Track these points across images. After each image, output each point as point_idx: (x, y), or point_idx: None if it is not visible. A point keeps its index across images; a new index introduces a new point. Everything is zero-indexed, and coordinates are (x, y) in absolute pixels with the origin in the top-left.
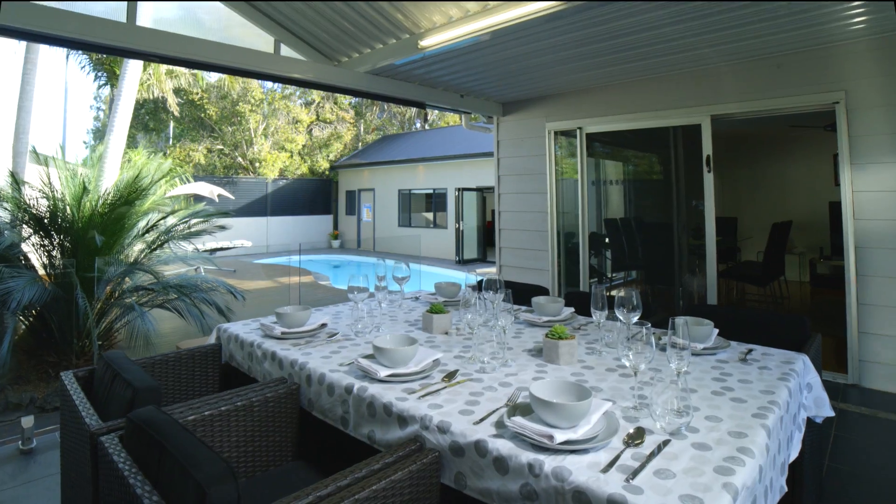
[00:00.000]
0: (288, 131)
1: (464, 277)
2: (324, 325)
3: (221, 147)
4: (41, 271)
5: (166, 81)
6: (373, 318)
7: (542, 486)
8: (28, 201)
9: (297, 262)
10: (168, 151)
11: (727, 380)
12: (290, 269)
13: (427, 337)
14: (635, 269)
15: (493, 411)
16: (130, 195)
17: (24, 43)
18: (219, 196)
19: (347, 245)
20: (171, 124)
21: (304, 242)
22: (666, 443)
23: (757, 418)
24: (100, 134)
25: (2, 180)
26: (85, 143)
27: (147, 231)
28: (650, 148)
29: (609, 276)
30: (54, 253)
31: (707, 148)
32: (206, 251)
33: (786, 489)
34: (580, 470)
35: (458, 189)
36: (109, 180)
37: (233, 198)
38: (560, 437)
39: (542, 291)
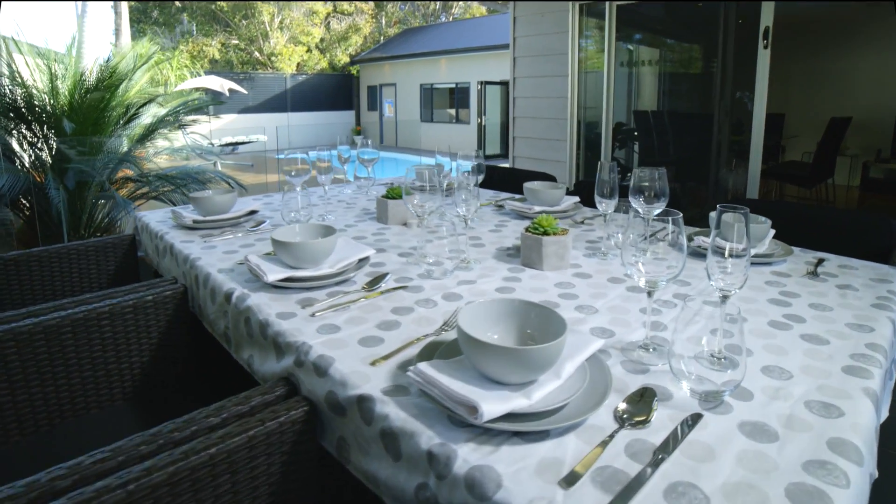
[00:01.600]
0: (303, 24)
1: (453, 164)
2: (252, 213)
3: (237, 42)
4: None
5: None
6: (328, 204)
7: (447, 497)
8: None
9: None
10: (180, 47)
11: (793, 303)
12: (308, 163)
13: (377, 229)
14: (665, 164)
15: (411, 343)
16: (103, 82)
17: None
18: (230, 91)
19: (370, 140)
20: (185, 18)
21: (327, 138)
22: (695, 420)
23: (853, 375)
24: (117, 32)
25: None
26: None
27: (129, 120)
28: (691, 28)
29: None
30: (39, 145)
31: (766, 18)
32: (222, 145)
33: (875, 475)
34: (521, 478)
35: (481, 83)
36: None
37: (245, 92)
38: (494, 407)
39: (550, 179)
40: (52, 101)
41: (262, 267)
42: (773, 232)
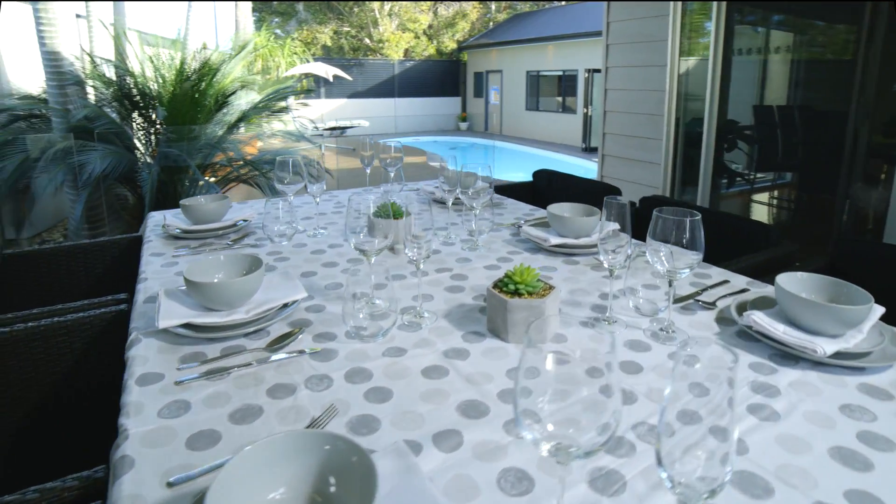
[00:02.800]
0: (411, 11)
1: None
2: (242, 222)
3: (348, 29)
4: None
5: None
6: (337, 213)
7: None
8: (114, 80)
9: (397, 143)
10: (295, 35)
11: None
12: (409, 150)
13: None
14: (789, 170)
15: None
16: (197, 72)
17: None
18: (335, 77)
19: (475, 128)
20: (302, 7)
21: (432, 124)
22: None
23: None
24: (237, 23)
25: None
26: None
27: (220, 107)
28: (831, 8)
29: (750, 176)
30: (151, 130)
31: None
32: (326, 129)
33: None
34: None
35: (589, 70)
36: (197, 60)
37: (350, 79)
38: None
39: (613, 191)
40: (159, 90)
41: (163, 307)
42: (879, 311)
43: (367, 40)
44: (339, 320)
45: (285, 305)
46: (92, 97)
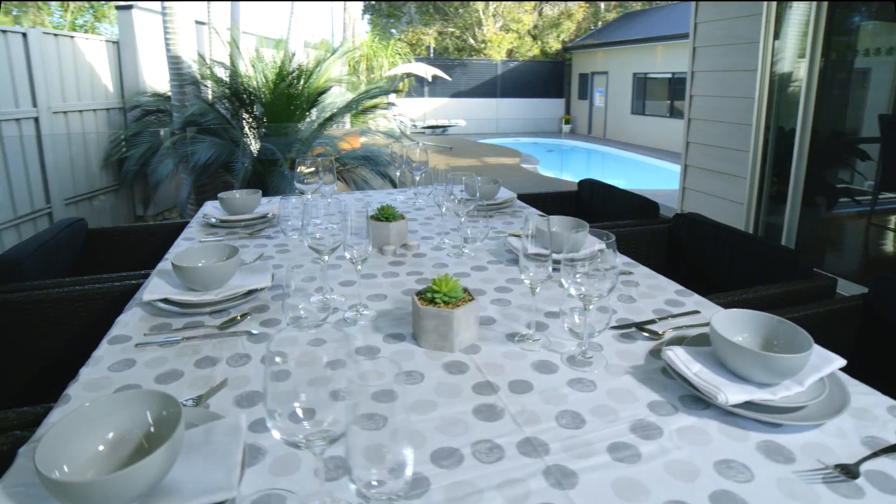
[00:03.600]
0: (514, 11)
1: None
2: (270, 216)
3: (452, 29)
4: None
5: None
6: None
7: None
8: (224, 80)
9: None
10: (401, 35)
11: None
12: (504, 150)
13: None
14: None
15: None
16: (292, 73)
17: None
18: (434, 77)
19: (578, 131)
20: (412, 8)
21: (534, 126)
22: None
23: None
24: (345, 26)
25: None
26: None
27: (311, 105)
28: None
29: (872, 195)
30: (255, 125)
31: None
32: (425, 127)
33: None
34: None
35: None
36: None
37: (449, 79)
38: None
39: (651, 207)
40: (262, 88)
41: (151, 283)
42: (834, 364)
43: (470, 41)
44: (307, 310)
45: (250, 292)
46: (210, 94)
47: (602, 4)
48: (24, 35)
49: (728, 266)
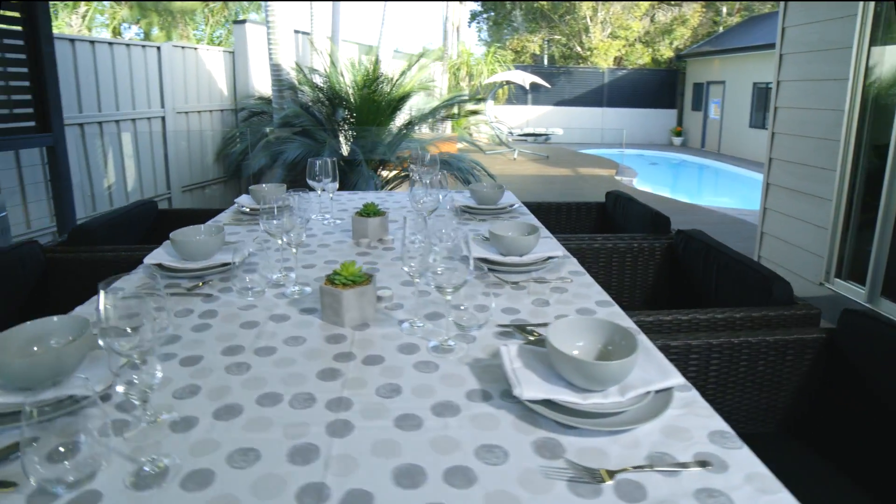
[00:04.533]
0: (623, 17)
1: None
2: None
3: (559, 37)
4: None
5: None
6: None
7: None
8: (319, 85)
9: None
10: (506, 43)
11: None
12: (602, 161)
13: (337, 243)
14: None
15: None
16: (377, 79)
17: None
18: (532, 84)
19: (690, 143)
20: (519, 15)
21: (642, 137)
22: None
23: None
24: (445, 34)
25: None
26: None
27: (393, 111)
28: None
29: None
30: (346, 127)
31: None
32: (521, 135)
33: None
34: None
35: None
36: (386, 70)
37: (548, 86)
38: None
39: (662, 222)
40: (352, 93)
41: (154, 252)
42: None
43: (577, 48)
44: (254, 282)
45: (224, 265)
46: (306, 98)
47: (724, 8)
48: (159, 49)
49: (714, 284)
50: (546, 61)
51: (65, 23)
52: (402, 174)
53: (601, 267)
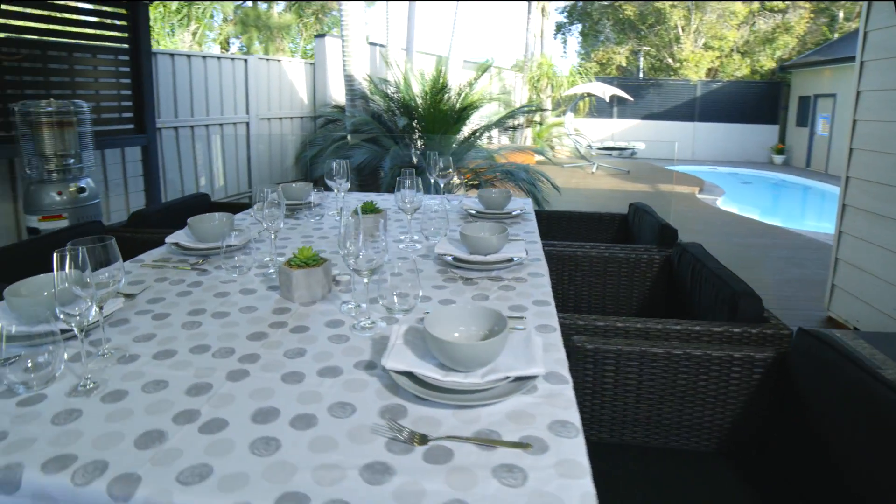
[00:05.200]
0: (716, 26)
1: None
2: (310, 203)
3: (647, 48)
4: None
5: None
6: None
7: None
8: (389, 94)
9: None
10: (591, 55)
11: None
12: (687, 178)
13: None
14: None
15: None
16: (442, 90)
17: None
18: (612, 97)
19: (794, 162)
20: (608, 26)
21: (738, 153)
22: None
23: None
24: (526, 46)
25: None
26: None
27: (458, 121)
28: None
29: None
30: (414, 136)
31: None
32: (601, 148)
33: None
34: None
35: None
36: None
37: (631, 99)
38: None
39: (668, 234)
40: (421, 103)
41: (175, 232)
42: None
43: (667, 59)
44: (242, 262)
45: (229, 246)
46: (380, 106)
47: (841, 13)
48: (245, 61)
49: (699, 297)
50: (640, 73)
51: (179, 39)
52: (471, 182)
53: (597, 275)
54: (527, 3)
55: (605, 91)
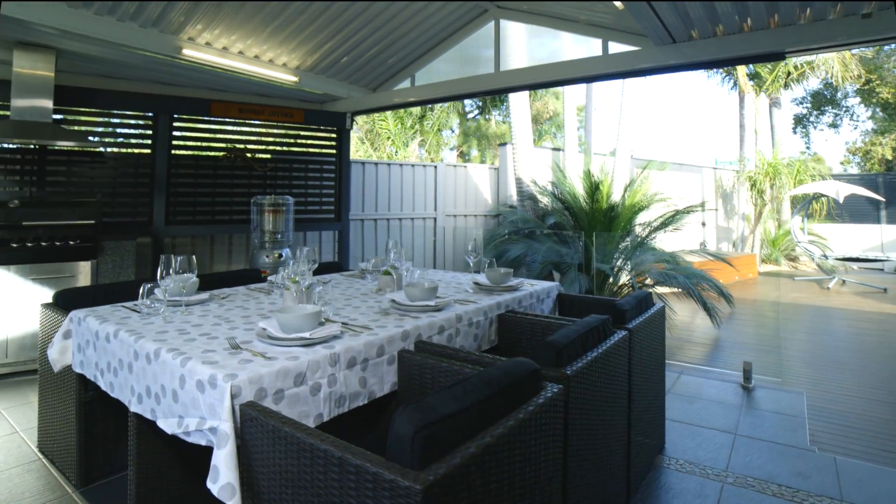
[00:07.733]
0: None
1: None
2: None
3: None
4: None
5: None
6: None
7: None
8: (559, 196)
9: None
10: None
11: None
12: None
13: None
14: None
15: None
16: (597, 190)
17: None
18: (848, 197)
19: None
20: (865, 111)
21: None
22: None
23: None
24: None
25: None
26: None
27: (610, 223)
28: None
29: None
30: (577, 233)
31: None
32: (841, 258)
33: None
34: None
35: None
36: (619, 183)
37: (882, 199)
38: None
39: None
40: (584, 202)
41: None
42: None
43: None
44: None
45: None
46: (546, 205)
47: None
48: (436, 167)
49: None
50: (879, 168)
51: (411, 151)
52: (640, 284)
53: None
54: (738, 95)
55: (840, 190)
